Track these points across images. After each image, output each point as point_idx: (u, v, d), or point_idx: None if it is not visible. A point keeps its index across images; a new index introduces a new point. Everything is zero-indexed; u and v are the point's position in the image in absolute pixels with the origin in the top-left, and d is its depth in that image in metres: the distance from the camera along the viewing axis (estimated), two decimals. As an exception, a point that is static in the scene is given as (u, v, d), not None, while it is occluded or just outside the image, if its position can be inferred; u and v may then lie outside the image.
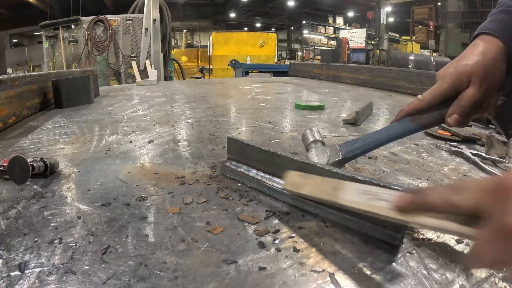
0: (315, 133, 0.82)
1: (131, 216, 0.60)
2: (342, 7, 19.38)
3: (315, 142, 0.79)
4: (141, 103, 1.96)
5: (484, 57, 0.59)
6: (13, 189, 0.71)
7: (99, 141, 1.12)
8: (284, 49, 23.19)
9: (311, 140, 0.80)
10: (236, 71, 6.77)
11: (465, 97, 0.60)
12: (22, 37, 16.70)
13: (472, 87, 0.59)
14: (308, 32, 18.48)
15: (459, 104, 0.60)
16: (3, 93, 1.29)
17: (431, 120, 0.65)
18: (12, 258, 0.47)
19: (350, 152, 0.71)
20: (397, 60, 10.19)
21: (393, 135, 0.69)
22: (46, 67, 4.88)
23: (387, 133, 0.70)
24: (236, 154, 0.79)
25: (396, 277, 0.45)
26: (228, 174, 0.79)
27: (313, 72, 3.92)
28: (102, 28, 4.66)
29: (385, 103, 2.12)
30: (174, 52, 9.83)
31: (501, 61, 0.60)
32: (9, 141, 1.12)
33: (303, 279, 0.44)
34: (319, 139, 0.79)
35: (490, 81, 0.59)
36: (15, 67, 13.48)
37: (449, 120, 0.62)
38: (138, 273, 0.45)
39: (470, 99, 0.59)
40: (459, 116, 0.61)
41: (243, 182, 0.75)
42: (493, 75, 0.59)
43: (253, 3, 19.43)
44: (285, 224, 0.58)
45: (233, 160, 0.80)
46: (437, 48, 14.62)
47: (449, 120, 0.62)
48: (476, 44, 0.62)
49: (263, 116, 1.58)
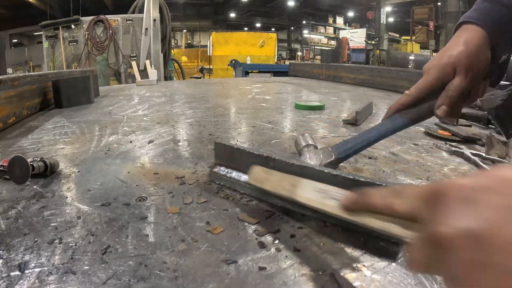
0: (307, 138, 0.82)
1: (131, 216, 0.60)
2: (342, 7, 19.39)
3: (307, 146, 0.80)
4: (141, 103, 1.96)
5: (467, 46, 0.59)
6: (13, 189, 0.71)
7: (99, 141, 1.12)
8: (284, 49, 23.20)
9: (303, 145, 0.80)
10: (236, 71, 6.78)
11: (452, 87, 0.60)
12: (22, 37, 16.70)
13: (458, 77, 0.59)
14: (308, 32, 18.48)
15: (446, 94, 0.61)
16: (3, 93, 1.29)
17: (420, 113, 0.66)
18: (12, 258, 0.47)
19: (342, 153, 0.72)
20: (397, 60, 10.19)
21: (384, 132, 0.70)
22: (46, 67, 4.88)
23: (378, 130, 0.70)
24: (224, 159, 0.75)
25: (396, 277, 0.45)
26: (217, 180, 0.75)
27: (313, 72, 3.92)
28: (102, 28, 4.66)
29: (385, 103, 2.12)
30: (174, 52, 9.83)
31: (485, 48, 0.60)
32: (9, 141, 1.12)
33: (303, 279, 0.44)
34: (312, 143, 0.80)
35: (476, 69, 0.59)
36: (15, 67, 13.48)
37: (438, 111, 0.62)
38: (138, 273, 0.45)
39: (456, 89, 0.60)
40: (447, 107, 0.61)
41: (234, 188, 0.71)
42: (478, 63, 0.59)
43: (253, 3, 19.43)
44: (285, 224, 0.58)
45: (221, 165, 0.76)
46: (437, 48, 14.62)
47: (438, 111, 0.62)
48: (459, 34, 0.62)
49: (263, 116, 1.58)
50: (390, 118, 0.69)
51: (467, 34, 0.61)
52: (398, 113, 0.68)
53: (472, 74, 0.59)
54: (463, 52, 0.59)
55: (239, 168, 0.72)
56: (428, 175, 0.85)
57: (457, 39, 0.61)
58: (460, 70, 0.59)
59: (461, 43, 0.60)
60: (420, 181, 0.80)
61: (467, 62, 0.59)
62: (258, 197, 0.65)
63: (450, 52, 0.61)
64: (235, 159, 0.72)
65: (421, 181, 0.81)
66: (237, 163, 0.72)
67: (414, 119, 0.67)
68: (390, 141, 1.11)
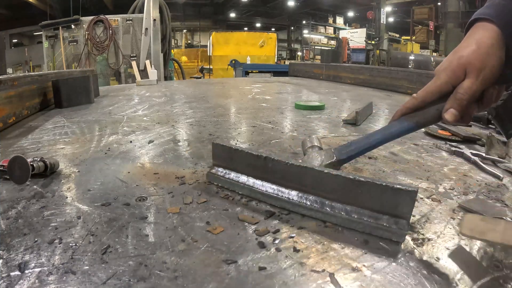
0: (313, 139, 0.83)
1: (131, 216, 0.60)
2: (342, 7, 19.37)
3: (312, 147, 0.80)
4: (141, 103, 1.96)
5: (479, 46, 0.55)
6: (13, 189, 0.71)
7: (99, 141, 1.12)
8: (284, 49, 23.18)
9: (308, 146, 0.81)
10: (236, 71, 6.77)
11: (461, 90, 0.56)
12: (22, 37, 16.69)
13: (468, 79, 0.55)
14: (308, 32, 18.48)
15: (455, 97, 0.56)
16: (3, 93, 1.29)
17: (427, 117, 0.63)
18: (12, 258, 0.47)
19: (344, 154, 0.71)
20: (397, 60, 10.18)
21: (389, 135, 0.68)
22: (46, 67, 4.89)
23: (382, 133, 0.69)
24: (222, 160, 0.75)
25: (396, 277, 0.45)
26: (215, 181, 0.75)
27: (313, 72, 3.92)
28: (102, 28, 4.67)
29: (385, 103, 2.13)
30: (174, 52, 9.83)
31: (498, 48, 0.55)
32: (9, 141, 1.12)
33: (303, 279, 0.44)
34: (317, 145, 0.80)
35: (488, 70, 0.55)
36: (15, 67, 13.48)
37: (446, 115, 0.57)
38: (138, 273, 0.45)
39: (466, 91, 0.55)
40: (456, 111, 0.57)
41: (233, 190, 0.71)
42: (490, 64, 0.55)
43: (253, 3, 19.42)
44: (285, 224, 0.58)
45: (219, 167, 0.75)
46: (437, 48, 14.62)
47: (446, 115, 0.57)
48: (470, 33, 0.58)
49: (263, 116, 1.58)
50: (397, 121, 0.66)
51: (479, 33, 0.56)
52: (404, 116, 0.65)
53: (484, 76, 0.55)
54: (474, 52, 0.55)
55: (237, 169, 0.72)
56: (428, 175, 0.85)
57: (469, 39, 0.57)
58: (471, 71, 0.55)
59: (472, 43, 0.56)
60: (420, 181, 0.80)
61: (478, 62, 0.55)
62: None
63: (461, 53, 0.57)
64: (234, 160, 0.72)
65: (421, 181, 0.81)
66: (236, 164, 0.72)
67: (421, 123, 0.64)
68: (390, 141, 1.11)
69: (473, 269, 0.47)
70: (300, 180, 0.62)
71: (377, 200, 0.55)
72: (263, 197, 0.66)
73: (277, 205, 0.64)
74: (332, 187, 0.59)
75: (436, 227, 0.58)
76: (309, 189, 0.62)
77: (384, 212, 0.55)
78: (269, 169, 0.66)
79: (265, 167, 0.67)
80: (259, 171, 0.68)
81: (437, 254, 0.50)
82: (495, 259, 0.50)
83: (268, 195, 0.66)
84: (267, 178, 0.67)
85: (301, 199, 0.62)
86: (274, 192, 0.65)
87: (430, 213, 0.64)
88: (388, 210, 0.54)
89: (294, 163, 0.63)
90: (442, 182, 0.80)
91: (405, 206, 0.53)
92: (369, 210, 0.56)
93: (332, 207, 0.59)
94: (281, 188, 0.65)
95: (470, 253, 0.52)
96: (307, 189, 0.62)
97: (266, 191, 0.66)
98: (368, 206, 0.56)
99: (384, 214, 0.54)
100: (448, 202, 0.69)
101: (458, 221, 0.61)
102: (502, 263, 0.48)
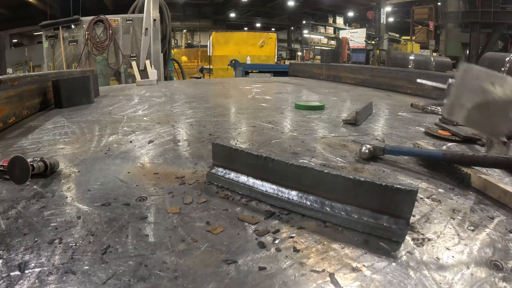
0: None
1: (131, 216, 0.60)
2: (342, 7, 19.37)
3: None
4: (141, 103, 1.96)
5: None
6: (13, 189, 0.71)
7: (99, 141, 1.12)
8: (284, 49, 23.19)
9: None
10: (236, 71, 6.77)
11: None
12: (22, 37, 16.70)
13: None
14: (308, 32, 18.48)
15: None
16: (3, 93, 1.29)
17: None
18: (12, 258, 0.47)
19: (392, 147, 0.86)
20: (397, 60, 10.17)
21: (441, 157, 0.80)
22: (46, 67, 4.89)
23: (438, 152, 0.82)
24: (222, 160, 0.75)
25: (396, 277, 0.45)
26: (215, 181, 0.75)
27: (313, 72, 3.92)
28: (102, 28, 4.67)
29: (385, 103, 2.12)
30: (174, 52, 9.83)
31: None
32: (9, 141, 1.12)
33: (303, 279, 0.44)
34: None
35: None
36: (15, 67, 13.48)
37: None
38: (138, 273, 0.45)
39: None
40: None
41: (233, 190, 0.71)
42: None
43: (253, 3, 19.42)
44: (285, 224, 0.58)
45: (219, 167, 0.76)
46: (437, 48, 14.62)
47: None
48: None
49: (263, 116, 1.58)
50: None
51: None
52: None
53: None
54: None
55: (237, 169, 0.72)
56: (428, 175, 0.84)
57: None
58: None
59: None
60: (420, 181, 0.80)
61: None
62: (257, 198, 0.65)
63: None
64: (234, 160, 0.72)
65: (421, 181, 0.81)
66: (236, 164, 0.72)
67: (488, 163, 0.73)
68: (390, 141, 1.11)
69: (473, 269, 0.47)
70: (300, 180, 0.63)
71: (377, 200, 0.55)
72: (263, 197, 0.66)
73: (277, 205, 0.64)
74: (332, 187, 0.59)
75: (436, 227, 0.58)
76: (309, 189, 0.62)
77: (384, 212, 0.55)
78: (269, 169, 0.66)
79: (265, 167, 0.67)
80: (259, 171, 0.68)
81: (437, 254, 0.50)
82: (495, 259, 0.50)
83: (268, 195, 0.66)
84: (267, 178, 0.67)
85: (301, 199, 0.62)
86: (274, 192, 0.65)
87: (430, 213, 0.64)
88: (388, 210, 0.54)
89: (294, 163, 0.63)
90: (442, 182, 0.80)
91: (405, 206, 0.53)
92: (369, 210, 0.56)
93: (332, 207, 0.59)
94: (281, 188, 0.65)
95: (470, 253, 0.52)
96: (307, 189, 0.62)
97: (266, 191, 0.66)
98: (368, 206, 0.56)
99: (384, 214, 0.55)
100: (448, 202, 0.69)
101: (458, 221, 0.61)
102: (502, 263, 0.48)
